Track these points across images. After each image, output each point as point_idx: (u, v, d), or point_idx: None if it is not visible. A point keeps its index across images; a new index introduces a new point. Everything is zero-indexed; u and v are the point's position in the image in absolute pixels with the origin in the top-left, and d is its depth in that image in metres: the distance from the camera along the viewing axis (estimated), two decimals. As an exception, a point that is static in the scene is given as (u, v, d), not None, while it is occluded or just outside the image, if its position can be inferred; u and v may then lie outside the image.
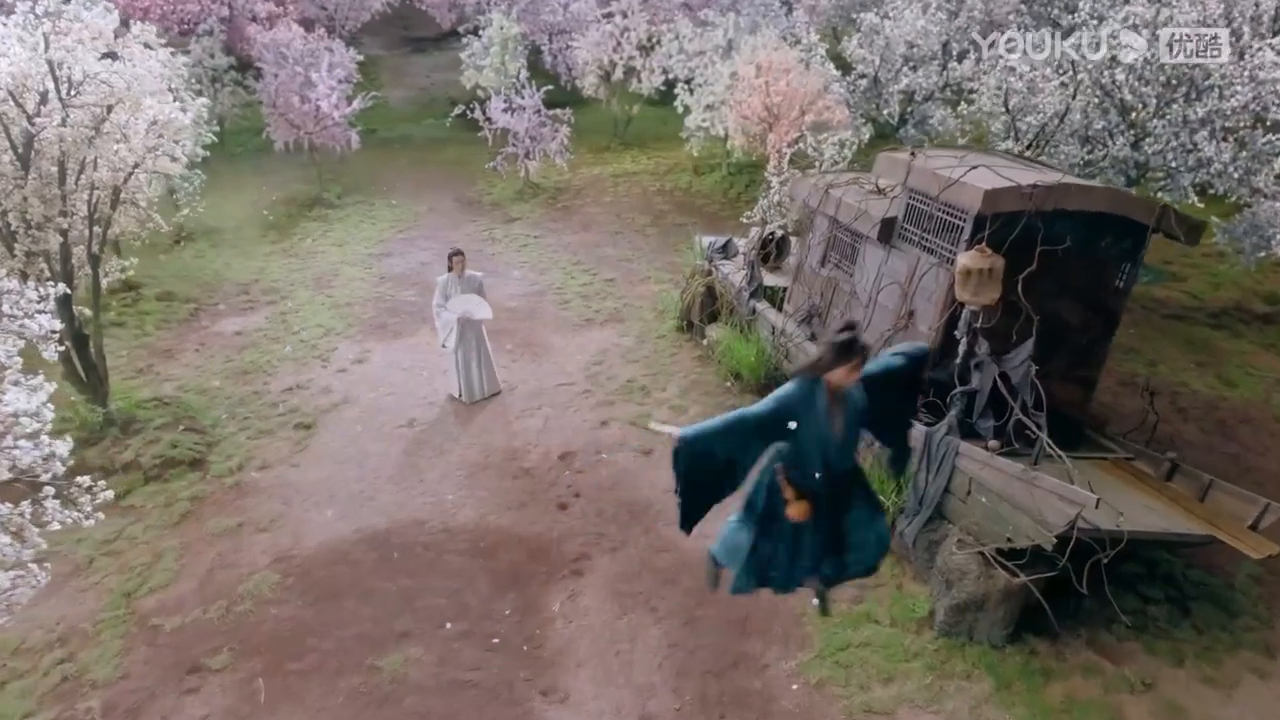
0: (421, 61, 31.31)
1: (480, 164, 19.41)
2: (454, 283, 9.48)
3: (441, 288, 9.52)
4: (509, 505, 8.25)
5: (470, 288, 9.52)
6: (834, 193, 9.20)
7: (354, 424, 9.62)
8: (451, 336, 9.53)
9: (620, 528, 7.97)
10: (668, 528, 7.95)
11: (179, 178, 13.52)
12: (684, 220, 16.38)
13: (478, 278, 9.71)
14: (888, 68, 17.77)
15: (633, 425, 9.61)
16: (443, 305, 9.48)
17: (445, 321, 9.53)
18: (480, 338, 9.74)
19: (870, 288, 8.52)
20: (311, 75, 16.14)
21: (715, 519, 4.63)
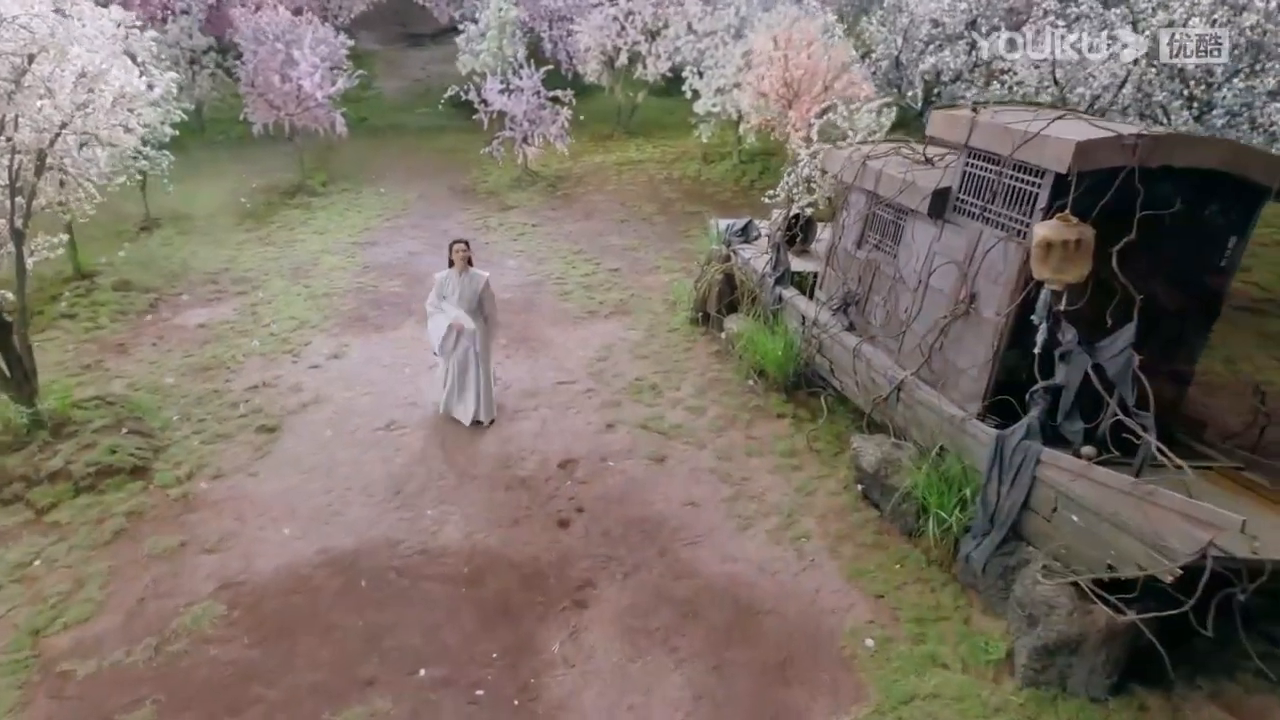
0: (417, 55, 30.21)
1: (475, 152, 18.26)
2: (453, 281, 8.06)
3: (438, 286, 8.12)
4: (500, 522, 7.04)
5: (472, 289, 8.10)
6: (873, 165, 8.01)
7: (324, 427, 8.41)
8: (446, 343, 8.12)
9: (631, 549, 6.77)
10: (688, 548, 6.75)
11: (145, 158, 12.34)
12: (694, 208, 15.22)
13: (482, 278, 8.21)
14: (910, 48, 16.65)
15: (643, 429, 8.42)
16: (438, 307, 8.12)
17: (437, 326, 8.12)
18: (482, 353, 8.24)
19: (919, 269, 7.33)
20: (293, 52, 14.99)
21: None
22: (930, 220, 7.15)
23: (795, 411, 8.68)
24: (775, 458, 7.99)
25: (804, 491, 7.48)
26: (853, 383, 7.99)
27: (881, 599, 6.26)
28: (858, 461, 7.16)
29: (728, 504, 7.33)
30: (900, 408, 7.25)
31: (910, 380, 7.10)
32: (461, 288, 8.06)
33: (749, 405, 8.83)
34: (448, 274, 8.12)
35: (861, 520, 7.07)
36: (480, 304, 8.16)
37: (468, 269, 8.08)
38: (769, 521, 7.11)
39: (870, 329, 8.04)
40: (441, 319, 8.08)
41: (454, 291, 8.05)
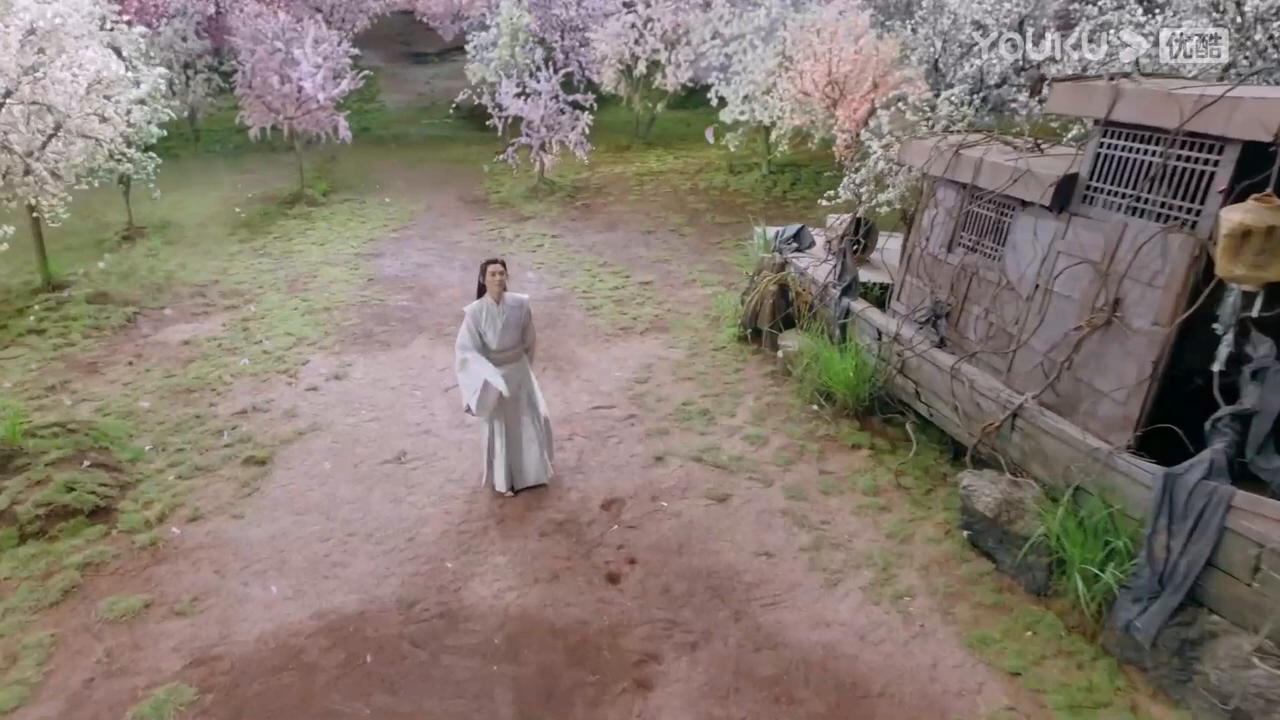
0: (421, 72, 29.32)
1: (486, 162, 17.22)
2: (490, 313, 6.30)
3: (471, 321, 6.29)
4: (536, 576, 5.79)
5: (516, 320, 6.38)
6: (969, 154, 6.86)
7: (322, 458, 7.18)
8: (483, 398, 6.31)
9: (698, 611, 5.51)
10: (768, 611, 5.50)
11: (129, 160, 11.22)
12: (725, 219, 14.09)
13: (524, 304, 6.47)
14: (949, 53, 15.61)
15: (698, 462, 7.19)
16: (469, 352, 6.29)
17: (473, 378, 6.26)
18: (530, 398, 6.61)
19: (1034, 273, 6.15)
20: (294, 51, 13.90)
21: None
22: (1051, 214, 5.99)
23: (873, 441, 7.46)
24: (857, 496, 6.75)
25: (897, 538, 6.24)
26: (947, 408, 6.77)
27: (1017, 678, 4.99)
28: (968, 502, 5.92)
29: (809, 554, 6.09)
30: (1016, 438, 6.03)
31: (1030, 405, 5.89)
32: (503, 321, 6.32)
33: (817, 434, 7.60)
34: (482, 306, 6.30)
35: (973, 574, 5.83)
36: (523, 336, 6.55)
37: (503, 297, 6.38)
38: (861, 575, 5.87)
39: (967, 345, 6.84)
40: (478, 369, 6.24)
41: (493, 327, 6.30)
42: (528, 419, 6.57)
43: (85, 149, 8.78)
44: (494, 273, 6.27)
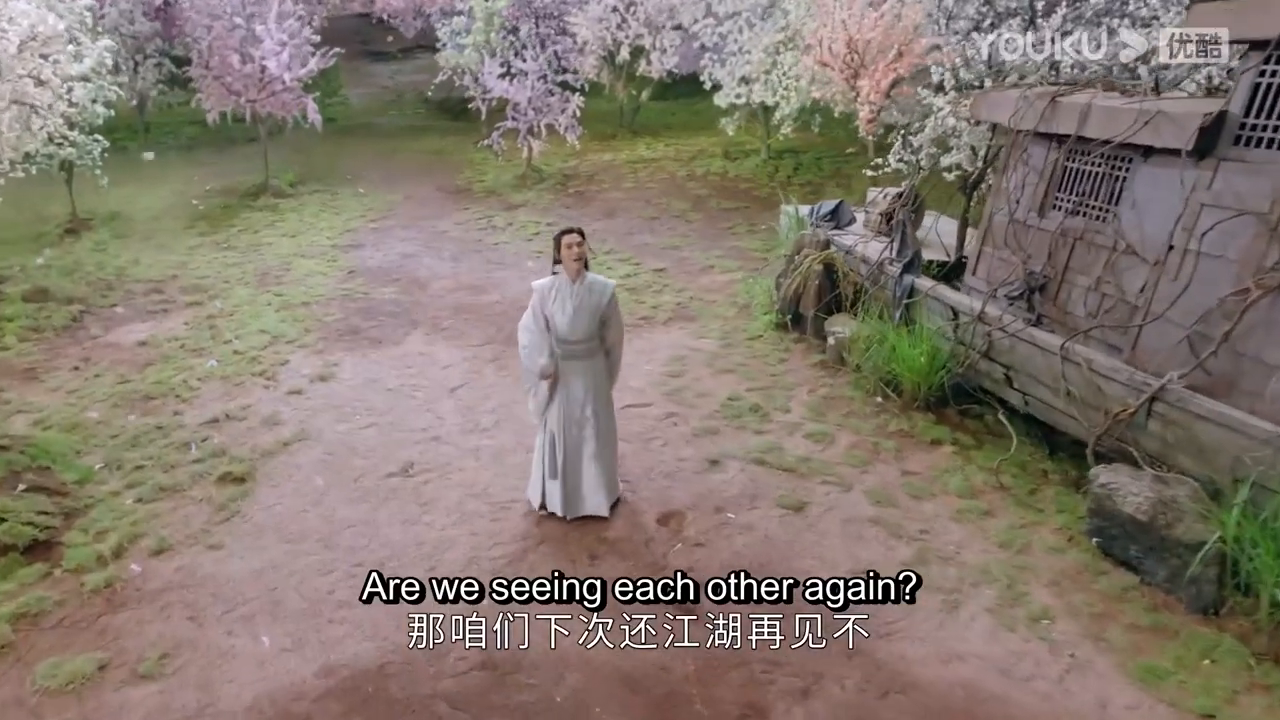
0: (383, 68, 27.93)
1: (465, 152, 16.10)
2: (563, 293, 5.14)
3: (538, 300, 5.18)
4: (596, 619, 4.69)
5: (593, 305, 5.17)
6: (1070, 101, 5.94)
7: (314, 473, 6.02)
8: (544, 396, 5.29)
9: (799, 645, 4.47)
10: (884, 642, 4.48)
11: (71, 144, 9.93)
12: (731, 205, 13.11)
13: (608, 289, 5.25)
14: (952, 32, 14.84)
15: (759, 464, 6.16)
16: (532, 335, 5.22)
17: (526, 371, 5.33)
18: (598, 411, 5.38)
19: (1167, 232, 5.23)
20: (255, 28, 12.62)
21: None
22: (1189, 162, 5.07)
23: (954, 436, 6.50)
24: (952, 499, 5.78)
25: (1012, 547, 5.27)
26: (1053, 395, 5.82)
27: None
28: (1107, 504, 4.96)
29: (916, 570, 5.06)
30: (1155, 426, 5.09)
31: (1174, 387, 4.95)
32: (576, 303, 5.13)
33: (888, 429, 6.62)
34: (553, 283, 5.17)
35: (1114, 588, 4.87)
36: (603, 330, 5.34)
37: (583, 274, 5.20)
38: (984, 595, 4.88)
39: (1072, 321, 5.91)
40: (532, 353, 5.24)
41: (563, 309, 5.14)
42: (590, 434, 5.36)
43: (20, 117, 7.50)
44: (570, 244, 5.07)
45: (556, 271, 5.22)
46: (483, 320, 8.79)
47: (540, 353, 5.18)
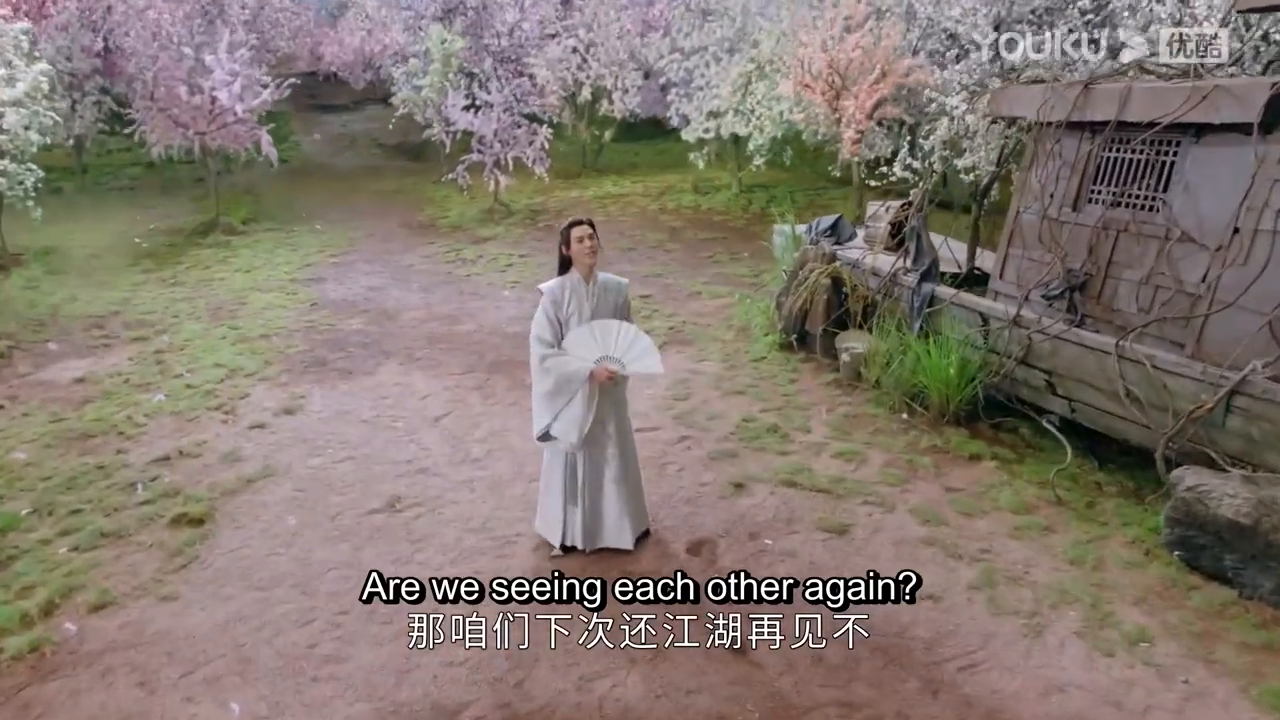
0: (334, 118, 27.37)
1: (427, 191, 15.53)
2: (577, 294, 4.49)
3: (550, 306, 4.47)
4: (632, 655, 3.99)
5: (612, 305, 4.56)
6: (1105, 88, 5.61)
7: (284, 512, 5.23)
8: (568, 421, 4.50)
9: (874, 684, 3.83)
10: (969, 675, 3.88)
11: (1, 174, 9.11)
12: (708, 235, 12.71)
13: (622, 287, 4.67)
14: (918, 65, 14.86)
15: (790, 487, 5.54)
16: (552, 346, 4.49)
17: (559, 381, 4.45)
18: (620, 427, 4.72)
19: (1229, 215, 4.85)
20: (205, 58, 11.95)
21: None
22: (1254, 137, 4.71)
23: (992, 450, 5.98)
24: (1005, 516, 5.22)
25: (1085, 564, 4.71)
26: (1106, 397, 5.35)
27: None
28: (1197, 508, 4.44)
29: (983, 593, 4.49)
30: (1236, 422, 4.63)
31: (1257, 378, 4.50)
32: (593, 306, 4.49)
33: (920, 446, 6.07)
34: (564, 284, 4.50)
35: (1210, 604, 4.34)
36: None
37: (595, 272, 4.54)
38: (1066, 617, 4.30)
39: (1121, 318, 5.48)
40: (566, 371, 4.43)
41: (580, 313, 4.47)
42: (614, 454, 4.68)
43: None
44: (582, 237, 4.41)
45: (564, 272, 4.59)
46: (461, 349, 8.11)
47: (568, 362, 4.48)
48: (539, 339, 4.53)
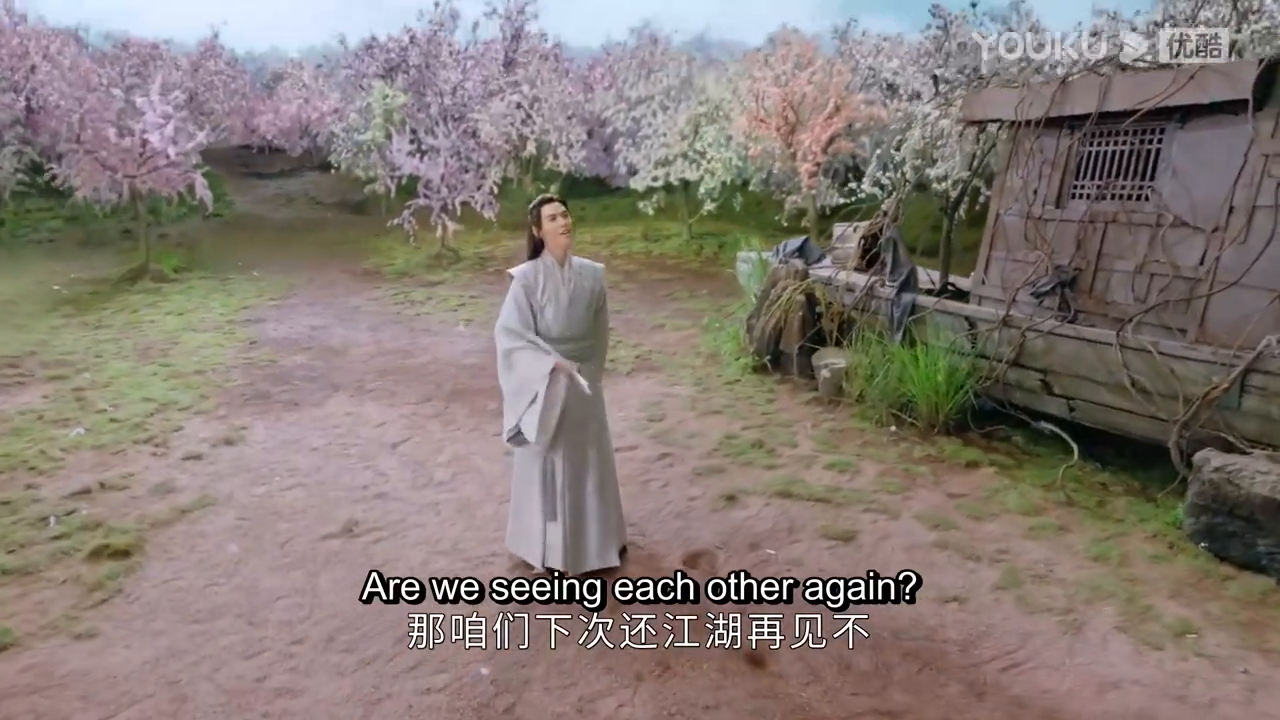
0: (270, 183, 26.83)
1: (370, 241, 15.07)
2: (551, 278, 4.05)
3: (522, 291, 4.03)
4: (638, 671, 3.49)
5: (586, 292, 4.13)
6: (1084, 81, 5.57)
7: (225, 540, 4.61)
8: (532, 416, 3.99)
9: (912, 690, 3.42)
10: (1014, 676, 3.51)
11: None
12: (664, 276, 12.49)
13: (599, 273, 4.26)
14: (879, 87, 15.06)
15: (785, 498, 5.16)
16: (522, 337, 4.04)
17: (522, 377, 4.04)
18: (599, 427, 4.31)
19: (1222, 197, 4.76)
20: (136, 99, 11.42)
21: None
22: (1240, 116, 4.65)
23: (989, 457, 5.70)
24: (1015, 518, 4.91)
25: (1109, 560, 4.41)
26: (1108, 391, 5.14)
27: None
28: (1227, 489, 4.18)
29: (1010, 592, 4.13)
30: (1254, 402, 4.43)
31: (1273, 352, 4.32)
32: (570, 292, 4.07)
33: (914, 456, 5.76)
34: (537, 268, 4.07)
35: (1250, 593, 4.07)
36: (595, 322, 4.26)
37: (569, 255, 4.14)
38: (1104, 612, 3.96)
39: (1115, 310, 5.32)
40: (534, 365, 4.00)
41: (555, 300, 4.05)
42: (593, 460, 4.22)
43: None
44: (554, 214, 4.01)
45: (536, 255, 4.18)
46: (416, 380, 7.59)
47: (538, 355, 4.05)
48: (505, 329, 4.08)
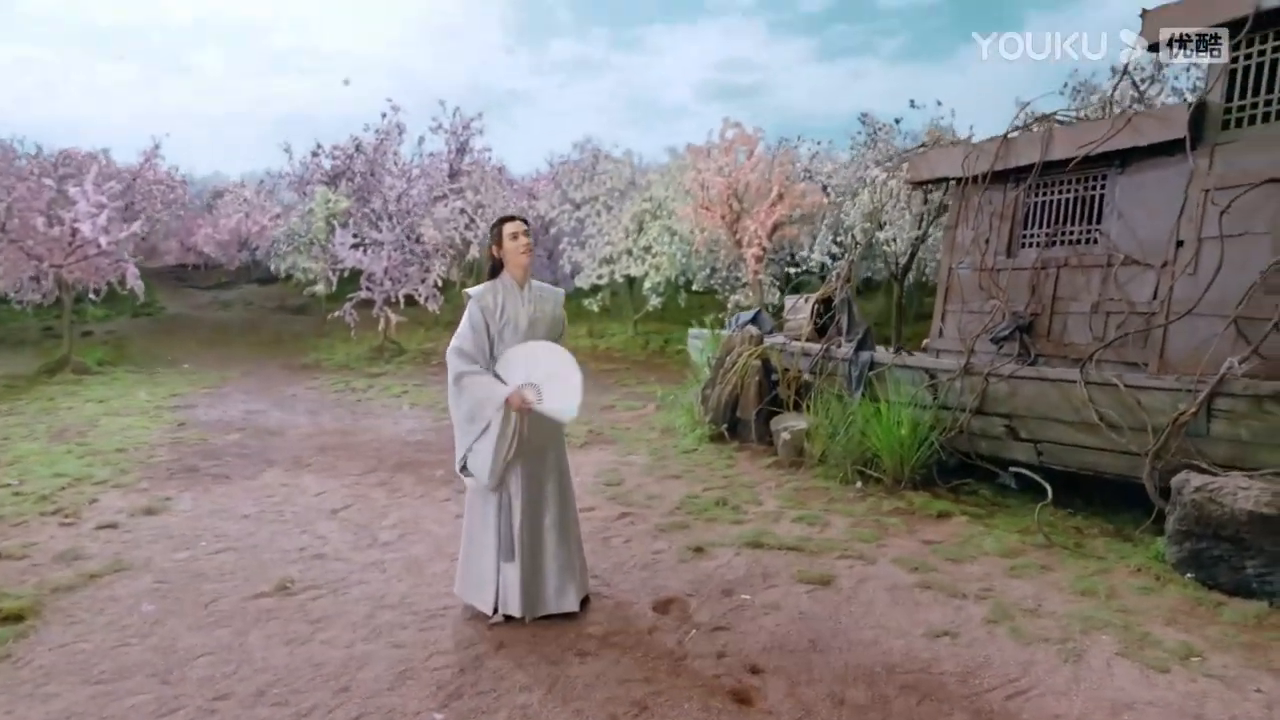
0: (205, 293, 26.38)
1: (310, 341, 14.71)
2: (510, 300, 3.86)
3: (479, 311, 3.83)
4: (614, 712, 3.12)
5: (548, 316, 3.97)
6: (1025, 136, 5.79)
7: (139, 601, 4.12)
8: (485, 445, 3.77)
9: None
10: (1020, 702, 3.24)
11: None
12: (610, 367, 12.39)
13: (559, 298, 4.12)
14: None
15: (756, 548, 4.89)
16: (473, 362, 3.81)
17: (472, 405, 3.79)
18: (559, 465, 4.04)
19: (1167, 232, 4.89)
20: (69, 189, 11.14)
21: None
22: (1177, 157, 4.84)
23: (960, 508, 5.54)
24: (995, 560, 4.72)
25: (1097, 594, 4.23)
26: (1075, 430, 5.08)
27: None
28: (1210, 509, 4.08)
29: (1002, 625, 3.90)
30: (1222, 427, 4.40)
31: (1235, 376, 4.33)
32: (530, 315, 3.87)
33: (884, 509, 5.58)
34: (496, 288, 3.88)
35: (1244, 617, 3.93)
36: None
37: (529, 276, 3.97)
38: (1102, 641, 3.74)
39: (1074, 350, 5.34)
40: (486, 391, 3.76)
41: (514, 324, 3.85)
42: (553, 491, 3.95)
43: None
44: (516, 233, 3.84)
45: (494, 276, 4.00)
46: (358, 455, 7.18)
47: (493, 381, 3.81)
48: (459, 352, 3.84)
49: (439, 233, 17.91)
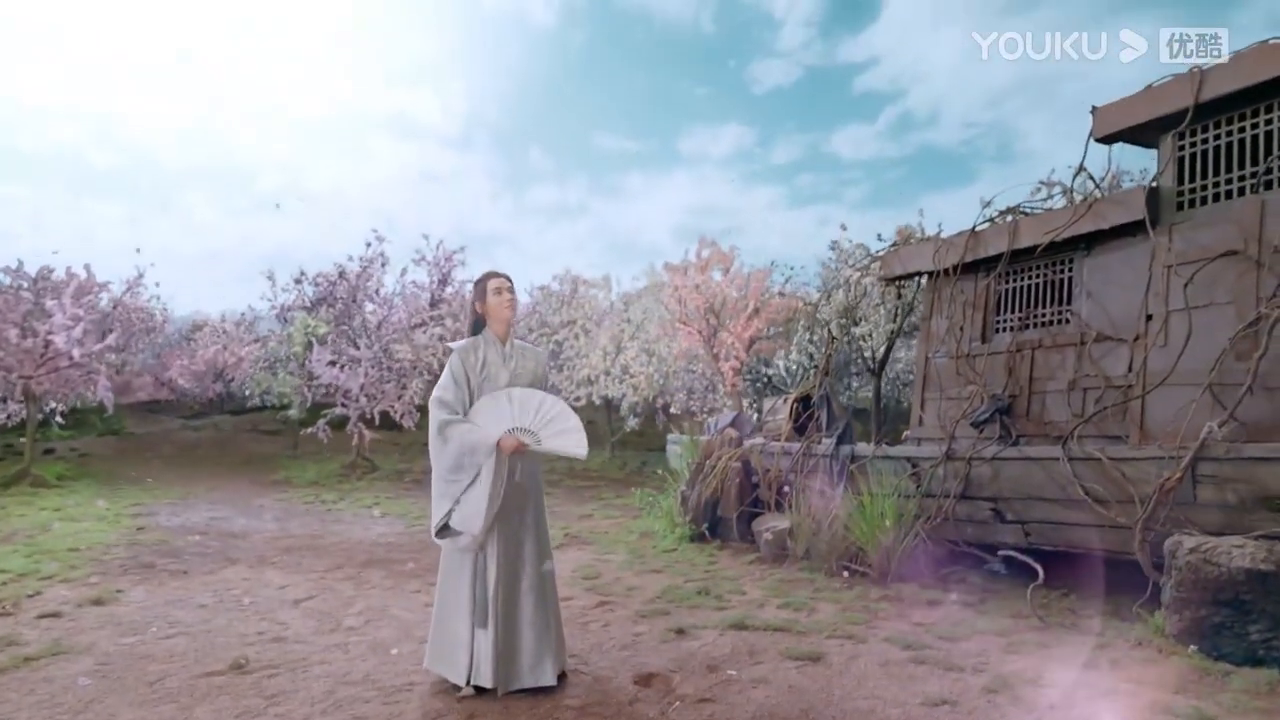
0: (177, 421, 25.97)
1: (281, 461, 14.39)
2: (492, 356, 3.84)
3: (460, 366, 3.79)
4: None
5: (531, 372, 3.93)
6: (992, 228, 6.02)
7: (77, 676, 3.81)
8: (480, 491, 3.63)
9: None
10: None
11: None
12: (588, 483, 12.17)
13: (541, 357, 4.11)
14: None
15: (741, 629, 4.67)
16: (455, 413, 3.71)
17: (459, 453, 3.65)
18: (538, 527, 3.91)
19: (1136, 307, 5.02)
20: (46, 302, 11.14)
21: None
22: (1138, 237, 5.04)
23: (949, 596, 5.36)
24: (991, 637, 4.52)
25: (1098, 667, 4.05)
26: (1063, 508, 5.01)
27: None
28: (1206, 570, 3.96)
29: (1002, 695, 3.69)
30: (1209, 493, 4.35)
31: (1215, 440, 4.33)
32: (511, 371, 3.83)
33: (872, 596, 5.38)
34: (478, 344, 3.85)
35: (1256, 686, 3.74)
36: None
37: (511, 333, 3.96)
38: (1116, 708, 3.54)
39: (1054, 429, 5.34)
40: (468, 440, 3.64)
41: (494, 379, 3.79)
42: (531, 552, 3.81)
43: None
44: (500, 288, 3.86)
45: (477, 333, 3.98)
46: (325, 554, 6.89)
47: (471, 430, 3.72)
48: (440, 402, 3.76)
49: (418, 357, 18.06)
